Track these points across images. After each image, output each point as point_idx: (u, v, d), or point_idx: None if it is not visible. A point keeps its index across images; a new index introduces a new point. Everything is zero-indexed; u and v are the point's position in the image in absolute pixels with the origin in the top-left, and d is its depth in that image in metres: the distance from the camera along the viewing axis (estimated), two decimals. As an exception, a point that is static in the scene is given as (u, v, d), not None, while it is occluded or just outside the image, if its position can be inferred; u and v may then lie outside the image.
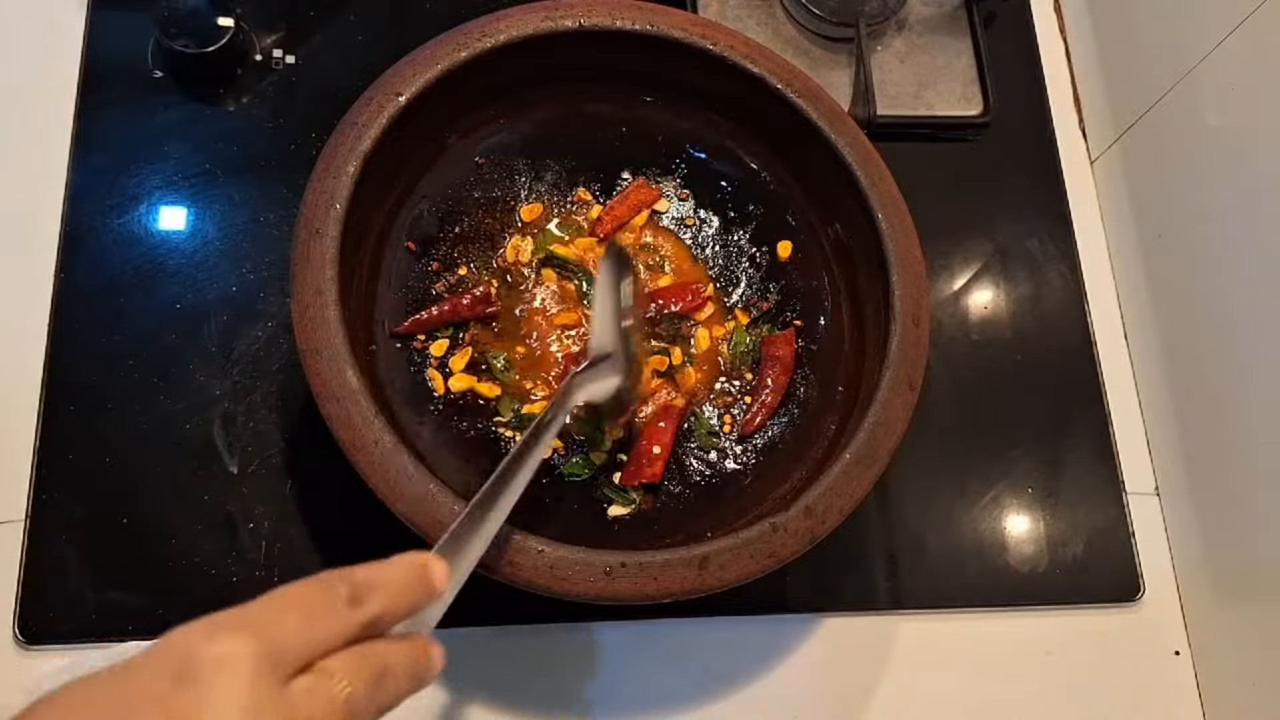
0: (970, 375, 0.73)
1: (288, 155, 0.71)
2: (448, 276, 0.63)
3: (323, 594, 0.34)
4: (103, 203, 0.68)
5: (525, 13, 0.59)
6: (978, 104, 0.78)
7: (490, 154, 0.65)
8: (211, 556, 0.61)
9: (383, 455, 0.50)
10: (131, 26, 0.72)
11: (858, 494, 0.54)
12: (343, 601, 0.34)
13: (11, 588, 0.60)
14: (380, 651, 0.35)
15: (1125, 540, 0.70)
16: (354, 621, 0.34)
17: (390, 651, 0.35)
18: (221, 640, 0.31)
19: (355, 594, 0.35)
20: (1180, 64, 0.70)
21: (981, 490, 0.70)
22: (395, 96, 0.56)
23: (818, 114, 0.60)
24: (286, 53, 0.73)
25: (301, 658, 0.32)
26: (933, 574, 0.67)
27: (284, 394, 0.65)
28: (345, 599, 0.34)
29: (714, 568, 0.51)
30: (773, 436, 0.63)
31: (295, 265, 0.53)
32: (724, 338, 0.65)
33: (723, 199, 0.67)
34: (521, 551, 0.49)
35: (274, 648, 0.32)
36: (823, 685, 0.64)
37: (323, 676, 0.33)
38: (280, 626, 0.32)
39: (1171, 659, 0.68)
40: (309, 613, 0.33)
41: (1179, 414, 0.71)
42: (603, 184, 0.67)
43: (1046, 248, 0.77)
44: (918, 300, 0.58)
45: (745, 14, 0.78)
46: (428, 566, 0.38)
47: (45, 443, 0.63)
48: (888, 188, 0.60)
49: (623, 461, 0.61)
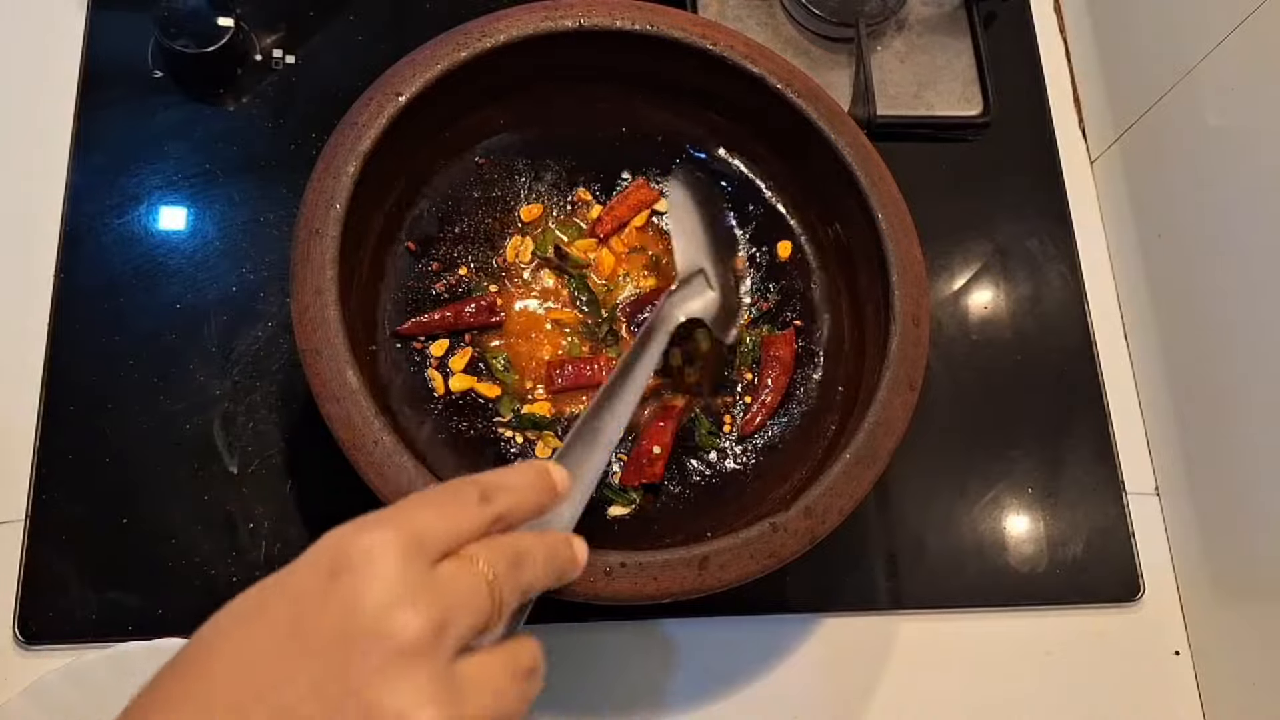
0: (970, 375, 0.73)
1: (288, 155, 0.71)
2: (448, 276, 0.63)
3: (455, 494, 0.37)
4: (103, 203, 0.68)
5: (525, 13, 0.59)
6: (978, 104, 0.78)
7: (490, 154, 0.65)
8: (211, 556, 0.61)
9: (383, 455, 0.50)
10: (131, 26, 0.72)
11: (858, 494, 0.54)
12: (473, 500, 0.37)
13: (11, 588, 0.60)
14: (516, 539, 0.38)
15: (1125, 540, 0.70)
16: (485, 515, 0.37)
17: (526, 539, 0.38)
18: (367, 533, 0.34)
19: (485, 493, 0.37)
20: (1180, 64, 0.70)
21: (981, 490, 0.70)
22: (395, 96, 0.56)
23: (818, 114, 0.60)
24: (286, 53, 0.73)
25: (443, 544, 0.35)
26: (933, 574, 0.67)
27: (284, 394, 0.65)
28: (475, 497, 0.37)
29: (714, 568, 0.51)
30: (773, 436, 0.63)
31: (295, 265, 0.53)
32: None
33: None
34: (521, 551, 0.49)
35: (417, 536, 0.34)
36: (823, 685, 0.64)
37: (464, 560, 0.35)
38: (420, 519, 0.35)
39: (1171, 659, 0.68)
40: (443, 508, 0.36)
41: (1179, 414, 0.71)
42: (603, 184, 0.67)
43: (1046, 248, 0.77)
44: (918, 300, 0.58)
45: (745, 14, 0.78)
46: (549, 471, 0.41)
47: (45, 443, 0.63)
48: (888, 188, 0.60)
49: (623, 461, 0.61)
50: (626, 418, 0.48)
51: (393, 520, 0.34)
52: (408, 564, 0.33)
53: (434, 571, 0.34)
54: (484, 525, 0.37)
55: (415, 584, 0.33)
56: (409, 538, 0.34)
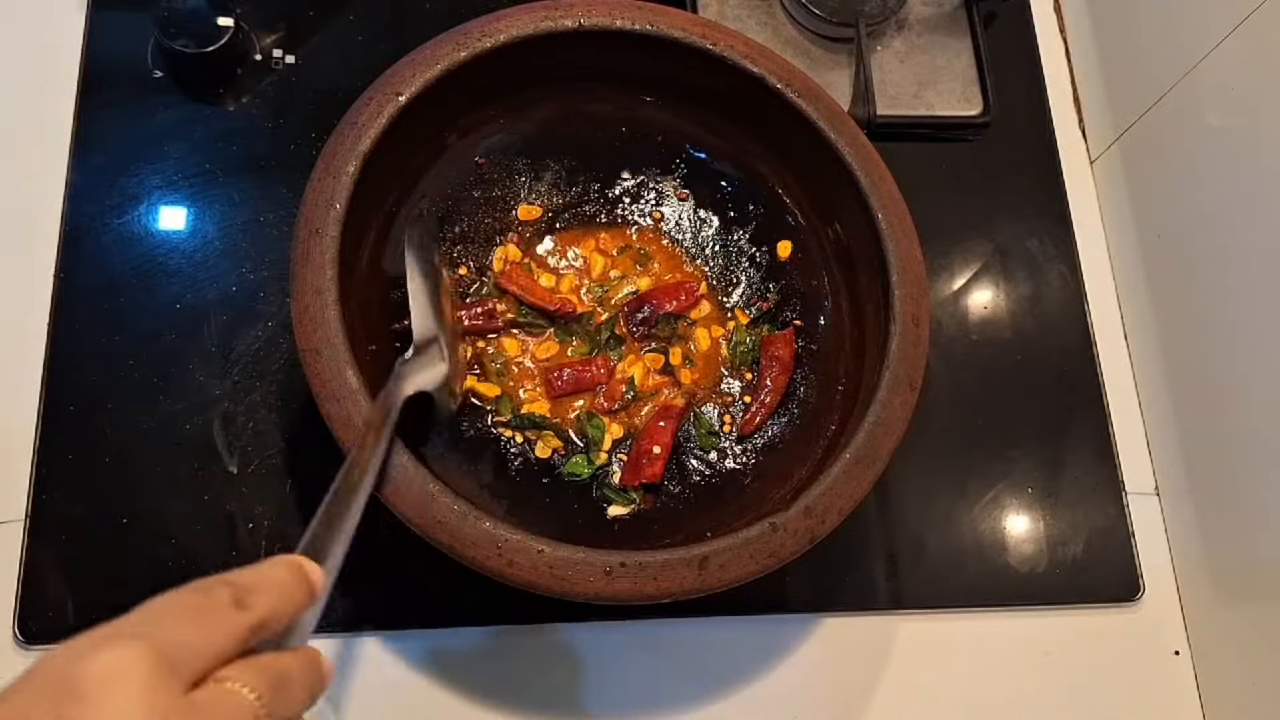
0: (970, 375, 0.73)
1: (288, 155, 0.71)
2: (448, 276, 0.63)
3: (205, 598, 0.31)
4: (103, 203, 0.68)
5: (525, 13, 0.59)
6: (977, 104, 0.78)
7: (490, 154, 0.65)
8: (211, 556, 0.61)
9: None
10: (131, 26, 0.72)
11: (858, 494, 0.54)
12: (227, 605, 0.31)
13: (11, 587, 0.60)
14: (277, 661, 0.32)
15: (1125, 540, 0.70)
16: (243, 624, 0.31)
17: (285, 661, 0.33)
18: (110, 652, 0.28)
19: (239, 596, 0.32)
20: (1180, 64, 0.70)
21: (981, 490, 0.70)
22: (395, 96, 0.56)
23: (818, 114, 0.60)
24: (286, 53, 0.73)
25: (197, 664, 0.29)
26: (933, 574, 0.67)
27: (284, 394, 0.65)
28: (229, 602, 0.31)
29: (714, 568, 0.51)
30: (773, 436, 0.63)
31: (295, 265, 0.53)
32: (724, 337, 0.65)
33: (723, 199, 0.67)
34: (521, 551, 0.49)
35: (165, 654, 0.28)
36: (822, 685, 0.64)
37: (224, 686, 0.30)
38: (169, 632, 0.29)
39: (1171, 659, 0.68)
40: (196, 617, 0.30)
41: (1179, 414, 0.71)
42: (603, 184, 0.67)
43: (1046, 248, 0.77)
44: (918, 300, 0.58)
45: (745, 14, 0.78)
46: (302, 566, 0.35)
47: (45, 443, 0.63)
48: (888, 188, 0.60)
49: (623, 461, 0.61)
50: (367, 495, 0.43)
51: (134, 633, 0.28)
52: (157, 692, 0.27)
53: (188, 701, 0.28)
54: (242, 638, 0.31)
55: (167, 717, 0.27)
56: (156, 657, 0.28)
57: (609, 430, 0.62)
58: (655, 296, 0.65)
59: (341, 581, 0.39)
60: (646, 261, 0.66)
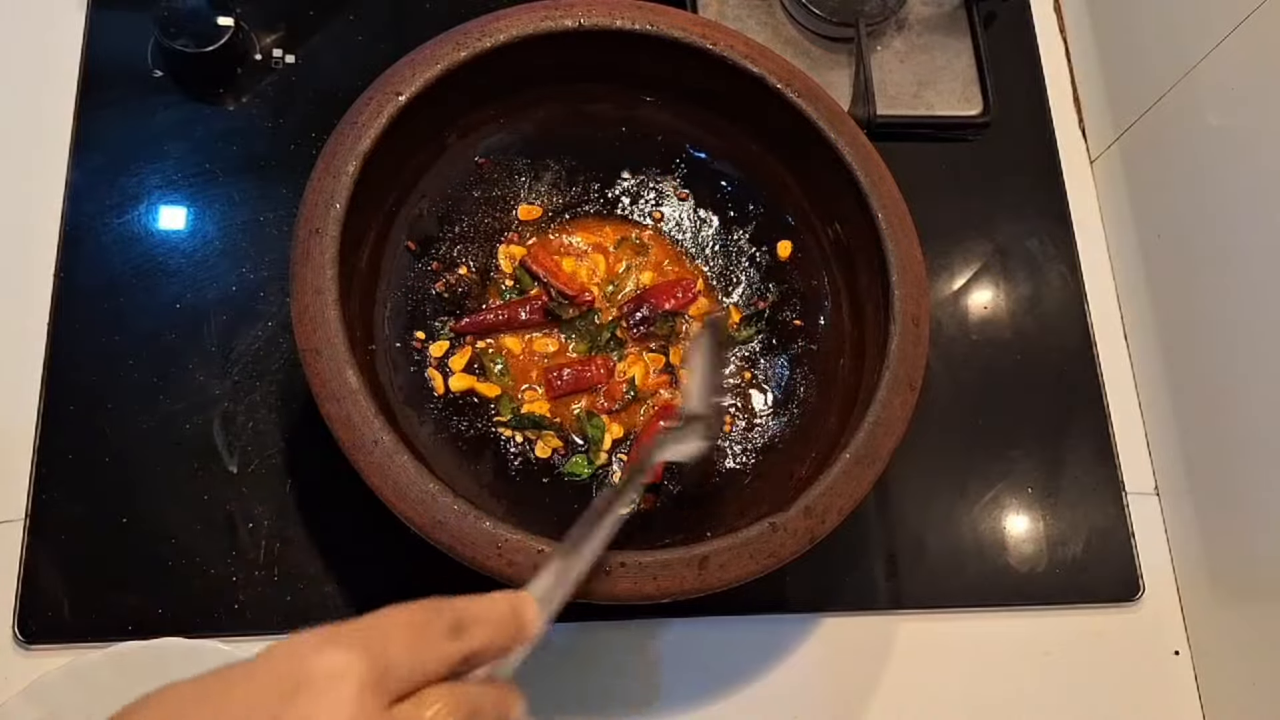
0: (970, 375, 0.73)
1: (288, 155, 0.71)
2: (447, 276, 0.63)
3: (430, 621, 0.34)
4: (103, 202, 0.68)
5: (525, 13, 0.59)
6: (977, 104, 0.78)
7: (490, 154, 0.65)
8: (211, 556, 0.61)
9: (383, 455, 0.50)
10: (131, 26, 0.72)
11: (858, 494, 0.54)
12: (445, 633, 0.34)
13: (11, 587, 0.60)
14: (475, 694, 0.35)
15: (1125, 540, 0.70)
16: (454, 654, 0.34)
17: (482, 695, 0.35)
18: (332, 654, 0.31)
19: (458, 625, 0.35)
20: (1180, 64, 0.70)
21: (981, 490, 0.70)
22: (395, 96, 0.56)
23: (818, 114, 0.60)
24: (286, 53, 0.73)
25: (405, 683, 0.33)
26: (933, 574, 0.67)
27: (284, 394, 0.65)
28: (449, 627, 0.34)
29: (714, 568, 0.51)
30: (773, 436, 0.63)
31: (295, 265, 0.53)
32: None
33: (723, 199, 0.67)
34: (521, 551, 0.49)
35: (382, 668, 0.32)
36: (822, 685, 0.64)
37: (422, 708, 0.33)
38: (389, 647, 0.32)
39: (1171, 659, 0.68)
40: (415, 637, 0.33)
41: (1179, 414, 0.71)
42: (603, 183, 0.67)
43: (1046, 248, 0.77)
44: (918, 300, 0.58)
45: (745, 14, 0.78)
46: (524, 608, 0.38)
47: (45, 443, 0.63)
48: (888, 188, 0.60)
49: (623, 461, 0.61)
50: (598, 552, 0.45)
51: (363, 643, 0.32)
52: (364, 702, 0.31)
53: (390, 715, 0.32)
54: (452, 663, 0.34)
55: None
56: (375, 670, 0.32)
57: (609, 430, 0.62)
58: (653, 294, 0.65)
59: (341, 581, 0.39)
60: (645, 253, 0.66)
